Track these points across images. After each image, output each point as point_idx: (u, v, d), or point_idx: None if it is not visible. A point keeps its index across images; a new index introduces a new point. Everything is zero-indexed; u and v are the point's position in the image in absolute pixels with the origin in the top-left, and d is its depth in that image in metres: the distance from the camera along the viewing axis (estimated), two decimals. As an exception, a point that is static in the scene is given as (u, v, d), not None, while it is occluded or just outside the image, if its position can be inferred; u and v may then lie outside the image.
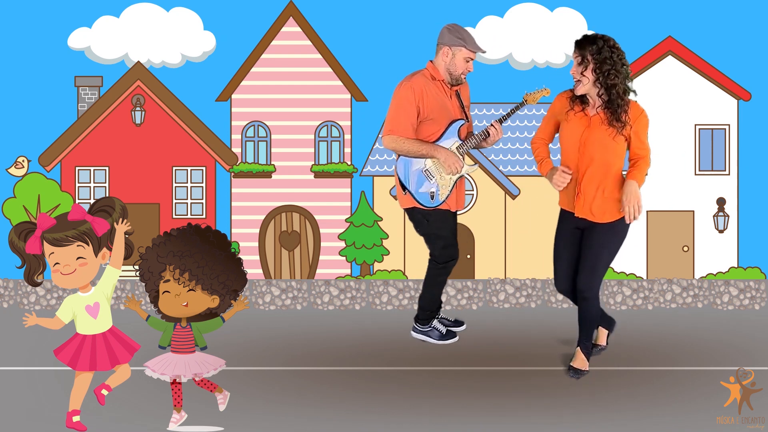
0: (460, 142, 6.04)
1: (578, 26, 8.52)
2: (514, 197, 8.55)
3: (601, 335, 6.29)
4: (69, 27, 8.57)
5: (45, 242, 4.63)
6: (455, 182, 6.07)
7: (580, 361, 5.81)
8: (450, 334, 6.50)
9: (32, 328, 4.64)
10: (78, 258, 4.61)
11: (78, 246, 4.61)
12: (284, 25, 8.69)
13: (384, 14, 8.57)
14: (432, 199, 6.08)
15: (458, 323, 6.75)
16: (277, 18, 8.68)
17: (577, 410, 5.14)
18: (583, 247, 5.69)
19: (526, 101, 6.11)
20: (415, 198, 6.11)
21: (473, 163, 6.23)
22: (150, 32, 8.63)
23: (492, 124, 6.04)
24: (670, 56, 8.60)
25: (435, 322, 6.52)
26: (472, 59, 6.19)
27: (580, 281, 5.67)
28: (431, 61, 6.30)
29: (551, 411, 5.12)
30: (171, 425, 4.85)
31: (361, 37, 8.59)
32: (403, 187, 6.15)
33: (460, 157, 6.02)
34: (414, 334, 6.58)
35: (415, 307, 8.02)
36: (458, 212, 6.41)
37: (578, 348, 5.85)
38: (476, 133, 6.09)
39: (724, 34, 8.54)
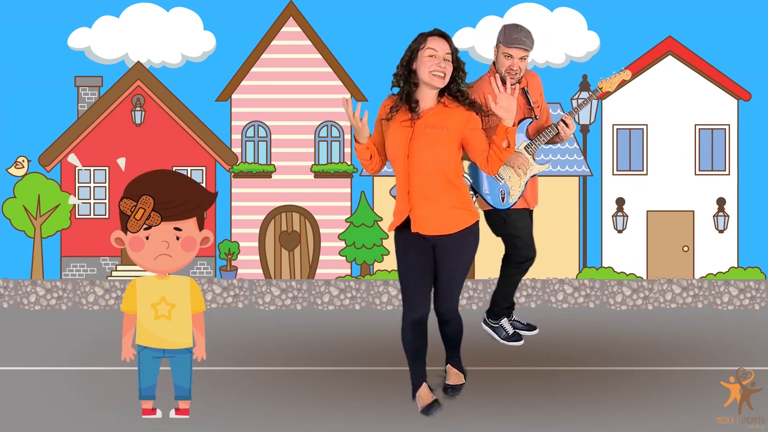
0: (528, 141, 5.93)
1: (578, 26, 8.52)
2: (514, 197, 8.54)
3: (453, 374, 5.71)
4: (69, 27, 8.57)
5: None
6: (526, 182, 5.97)
7: (455, 376, 5.54)
8: (516, 336, 6.47)
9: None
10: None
11: None
12: (284, 25, 8.69)
13: (384, 14, 8.57)
14: (503, 201, 6.02)
15: (530, 327, 6.67)
16: (277, 18, 8.68)
17: (576, 410, 5.14)
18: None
19: (601, 89, 5.71)
20: (486, 200, 6.04)
21: (546, 159, 5.96)
22: (150, 32, 8.63)
23: (563, 119, 5.82)
24: (670, 56, 8.60)
25: (504, 321, 6.49)
26: (511, 55, 6.00)
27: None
28: (493, 62, 6.21)
29: (551, 411, 5.12)
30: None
31: (361, 37, 8.59)
32: (474, 191, 6.08)
33: (529, 156, 5.91)
34: (483, 326, 6.57)
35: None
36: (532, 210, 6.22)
37: (449, 365, 5.54)
38: (546, 129, 5.93)
39: (724, 34, 8.54)
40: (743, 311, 8.05)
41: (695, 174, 8.63)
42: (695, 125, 8.63)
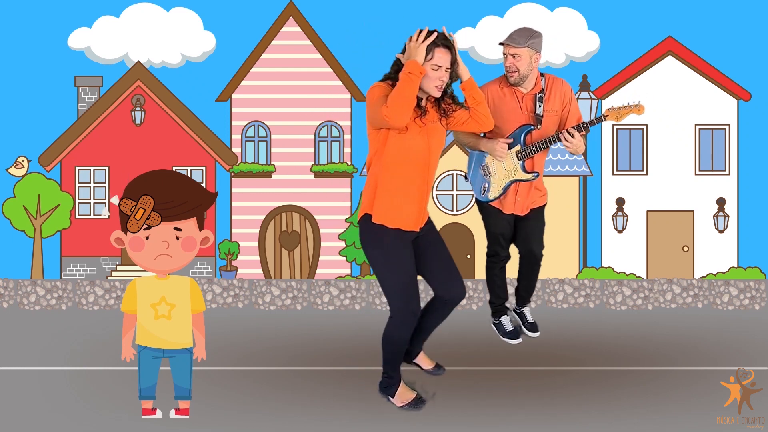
0: (522, 147, 5.91)
1: (578, 26, 8.52)
2: (514, 197, 8.54)
3: (425, 359, 5.75)
4: (69, 27, 8.57)
5: None
6: (508, 185, 5.97)
7: (428, 360, 5.60)
8: (513, 334, 6.49)
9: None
10: None
11: None
12: (284, 25, 8.69)
13: (384, 14, 8.57)
14: (483, 192, 6.08)
15: (533, 328, 6.66)
16: (277, 18, 8.68)
17: (576, 410, 5.14)
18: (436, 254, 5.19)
19: (606, 117, 5.65)
20: (471, 187, 6.18)
21: (534, 172, 5.98)
22: (150, 32, 8.63)
23: (567, 130, 5.76)
24: (670, 56, 8.60)
25: (503, 318, 6.51)
26: (504, 54, 5.97)
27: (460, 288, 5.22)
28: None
29: (551, 411, 5.12)
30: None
31: (361, 37, 8.59)
32: (465, 177, 6.24)
33: (518, 162, 5.89)
34: (492, 324, 6.62)
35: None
36: (514, 215, 6.18)
37: (422, 353, 5.61)
38: (545, 139, 5.88)
39: (724, 34, 8.55)
40: (743, 311, 8.06)
41: (695, 174, 8.64)
42: (695, 125, 8.63)
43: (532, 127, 5.83)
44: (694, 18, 8.55)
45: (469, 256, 8.57)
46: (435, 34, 4.86)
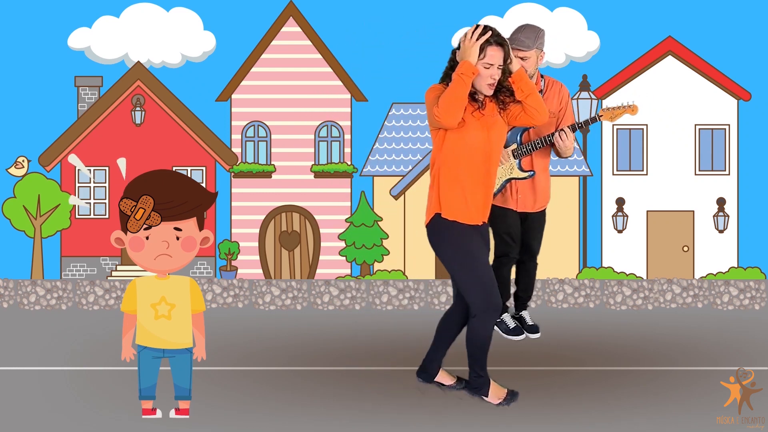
0: (519, 145, 5.91)
1: (578, 26, 8.52)
2: (514, 197, 8.55)
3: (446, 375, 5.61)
4: (69, 27, 8.58)
5: None
6: (504, 183, 5.96)
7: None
8: (517, 330, 6.48)
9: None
10: None
11: None
12: (284, 25, 8.69)
13: (384, 15, 8.57)
14: None
15: (533, 330, 6.65)
16: (277, 18, 8.68)
17: (576, 410, 5.14)
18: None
19: (600, 117, 5.66)
20: None
21: (531, 170, 5.97)
22: (150, 32, 8.63)
23: (562, 129, 5.76)
24: (670, 56, 8.60)
25: (505, 316, 6.51)
26: (516, 57, 5.97)
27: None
28: None
29: (550, 411, 5.12)
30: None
31: (361, 37, 8.59)
32: None
33: (515, 160, 5.89)
34: None
35: (415, 307, 8.04)
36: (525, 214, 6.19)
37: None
38: (540, 138, 5.90)
39: (724, 34, 8.55)
40: (743, 311, 8.05)
41: (695, 174, 8.63)
42: (695, 125, 8.63)
43: (529, 126, 5.84)
44: (694, 18, 8.55)
45: (469, 256, 8.57)
46: (489, 33, 4.89)
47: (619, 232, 8.67)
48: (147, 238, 4.60)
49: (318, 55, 8.67)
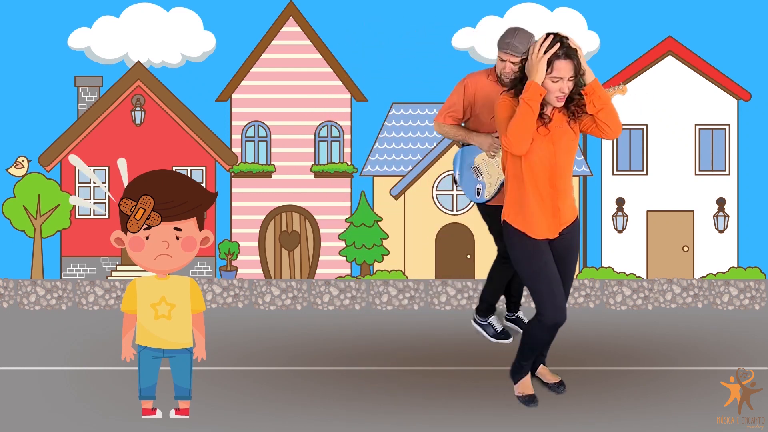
0: None
1: (578, 26, 8.52)
2: (514, 197, 8.55)
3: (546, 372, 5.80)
4: (69, 27, 8.57)
5: None
6: (503, 183, 5.99)
7: (552, 375, 5.67)
8: (504, 334, 6.49)
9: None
10: None
11: None
12: (284, 25, 8.69)
13: (384, 14, 8.57)
14: (477, 195, 6.08)
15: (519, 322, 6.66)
16: (277, 18, 8.68)
17: (576, 410, 5.14)
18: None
19: None
20: (463, 191, 6.15)
21: None
22: (150, 32, 8.63)
23: None
24: (670, 56, 8.60)
25: (492, 318, 6.51)
26: (504, 60, 6.01)
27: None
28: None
29: (550, 411, 5.13)
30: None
31: (361, 37, 8.59)
32: (455, 182, 6.23)
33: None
34: (473, 323, 6.59)
35: (415, 307, 8.04)
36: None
37: (542, 366, 5.68)
38: None
39: (724, 34, 8.54)
40: (743, 311, 8.06)
41: (695, 174, 8.64)
42: (695, 125, 8.63)
43: None
44: (694, 18, 8.55)
45: (469, 256, 8.57)
46: (557, 46, 4.70)
47: (619, 232, 8.67)
48: (147, 238, 4.61)
49: (318, 55, 8.67)
